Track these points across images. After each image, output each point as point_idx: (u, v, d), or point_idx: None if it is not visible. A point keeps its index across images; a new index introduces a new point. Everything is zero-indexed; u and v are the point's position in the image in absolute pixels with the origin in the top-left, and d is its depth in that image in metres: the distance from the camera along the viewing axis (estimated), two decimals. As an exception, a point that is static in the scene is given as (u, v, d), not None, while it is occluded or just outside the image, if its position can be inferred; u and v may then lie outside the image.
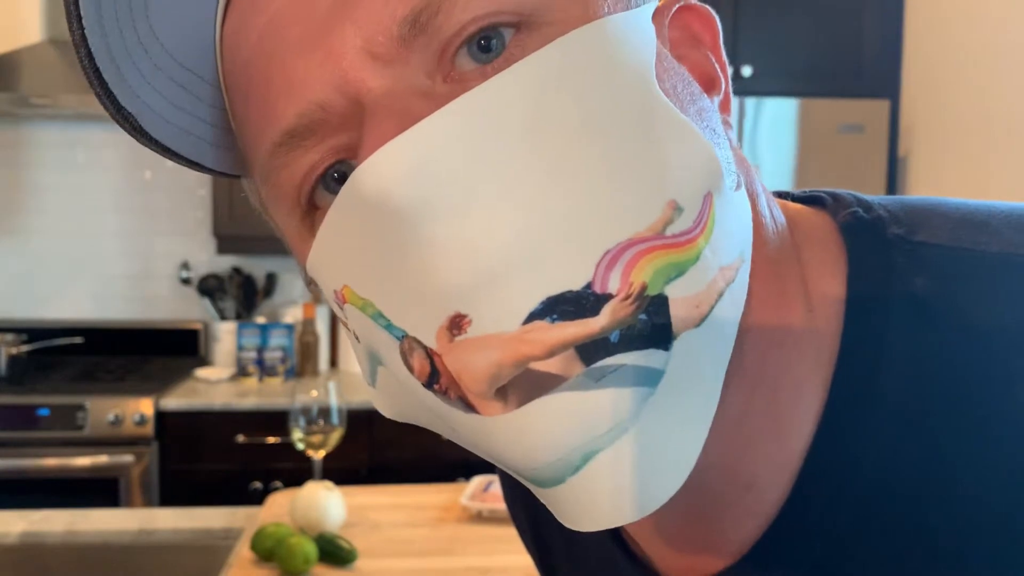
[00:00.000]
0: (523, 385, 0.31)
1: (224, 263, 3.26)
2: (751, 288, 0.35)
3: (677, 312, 0.31)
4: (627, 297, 0.31)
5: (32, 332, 3.06)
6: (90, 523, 1.61)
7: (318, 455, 1.59)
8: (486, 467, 1.97)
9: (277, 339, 2.99)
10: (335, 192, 0.34)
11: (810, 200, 0.43)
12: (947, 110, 2.51)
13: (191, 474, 2.69)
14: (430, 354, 0.32)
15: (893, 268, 0.38)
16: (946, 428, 0.35)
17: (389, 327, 0.33)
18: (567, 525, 0.34)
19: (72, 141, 3.23)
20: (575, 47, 0.32)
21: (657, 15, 0.37)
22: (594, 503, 0.32)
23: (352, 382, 2.97)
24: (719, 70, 0.39)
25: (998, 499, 0.35)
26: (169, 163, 2.88)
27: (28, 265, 3.25)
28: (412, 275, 0.31)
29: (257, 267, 3.28)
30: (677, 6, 0.39)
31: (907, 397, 0.36)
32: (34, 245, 3.25)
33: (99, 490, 2.60)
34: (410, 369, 0.33)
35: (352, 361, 3.14)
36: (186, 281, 3.20)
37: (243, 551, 1.39)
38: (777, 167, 2.68)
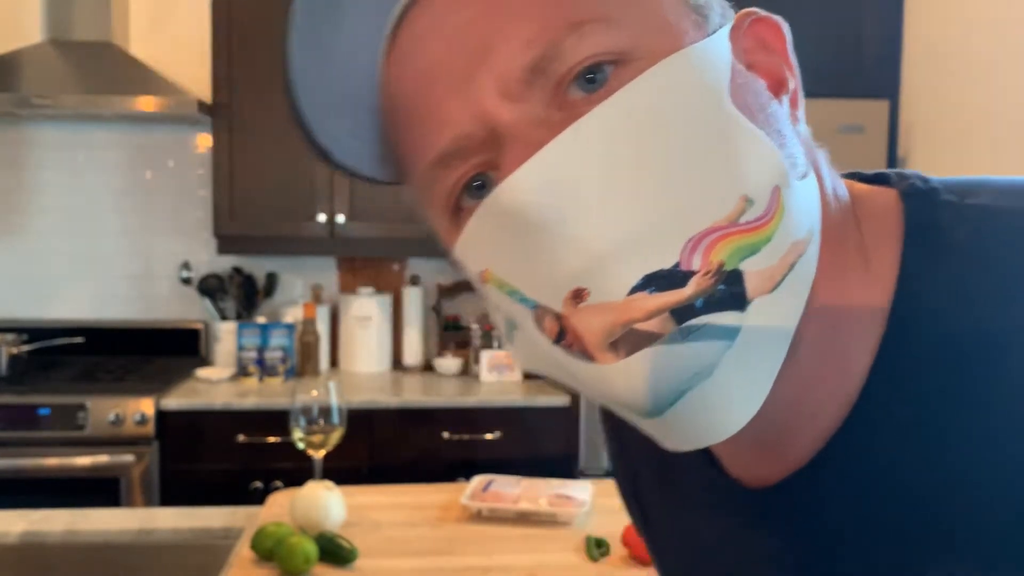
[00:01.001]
0: (630, 340, 0.41)
1: (224, 263, 3.26)
2: (818, 256, 0.44)
3: (751, 283, 0.41)
4: (707, 272, 0.40)
5: (33, 332, 3.06)
6: (90, 523, 1.62)
7: (318, 455, 1.59)
8: (486, 467, 1.97)
9: (277, 339, 2.99)
10: (475, 197, 0.45)
11: (878, 178, 0.52)
12: (947, 110, 2.50)
13: (192, 474, 2.69)
14: (559, 317, 0.42)
15: (942, 226, 0.46)
16: (977, 373, 0.43)
17: (523, 300, 0.43)
18: (666, 447, 0.45)
19: (73, 141, 3.23)
20: (661, 76, 0.42)
21: (733, 30, 0.46)
22: (685, 430, 0.43)
23: (352, 381, 2.97)
24: (788, 72, 0.48)
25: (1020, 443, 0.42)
26: (170, 163, 2.86)
27: (29, 265, 3.25)
28: (543, 261, 0.41)
29: (257, 267, 3.28)
30: (750, 20, 0.47)
31: (947, 347, 0.44)
32: (35, 245, 3.25)
33: (100, 490, 2.60)
34: (542, 330, 0.43)
35: (352, 361, 3.14)
36: (187, 281, 3.21)
37: (243, 551, 1.39)
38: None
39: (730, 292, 0.40)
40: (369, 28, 0.46)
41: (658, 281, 0.40)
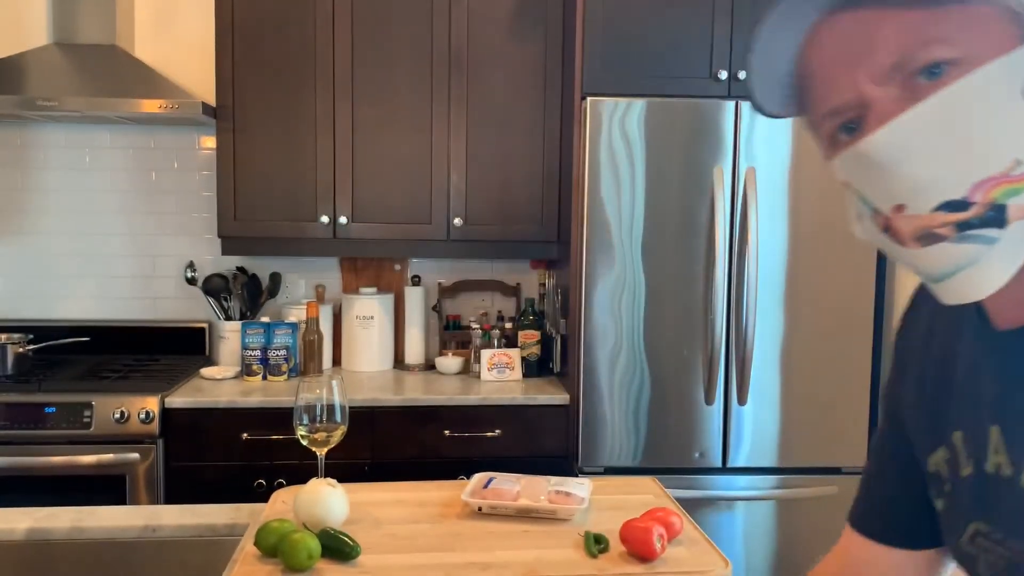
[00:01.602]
0: (928, 238, 0.69)
1: (229, 263, 3.29)
2: None
3: (1012, 212, 0.66)
4: (983, 204, 0.66)
5: (39, 331, 3.09)
6: (96, 520, 1.63)
7: (321, 452, 1.61)
8: (486, 464, 1.99)
9: (281, 338, 3.02)
10: (846, 134, 0.73)
11: None
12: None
13: (196, 471, 2.72)
14: (887, 218, 0.71)
15: None
16: None
17: (867, 204, 0.72)
18: (944, 301, 0.72)
19: (78, 143, 3.26)
20: (977, 77, 0.66)
21: None
22: (955, 291, 0.71)
23: (355, 380, 3.00)
24: None
25: None
26: (175, 165, 2.89)
27: (35, 265, 3.28)
28: (882, 185, 0.70)
29: (261, 267, 3.31)
30: None
31: None
32: (41, 245, 3.28)
33: (105, 487, 2.62)
34: (875, 223, 0.72)
35: (354, 360, 3.16)
36: (191, 281, 3.23)
37: (247, 547, 1.41)
38: (773, 168, 2.70)
39: (996, 217, 0.67)
40: (792, 31, 0.76)
41: (951, 206, 0.67)
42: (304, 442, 1.60)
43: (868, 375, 2.78)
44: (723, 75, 2.71)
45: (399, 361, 3.31)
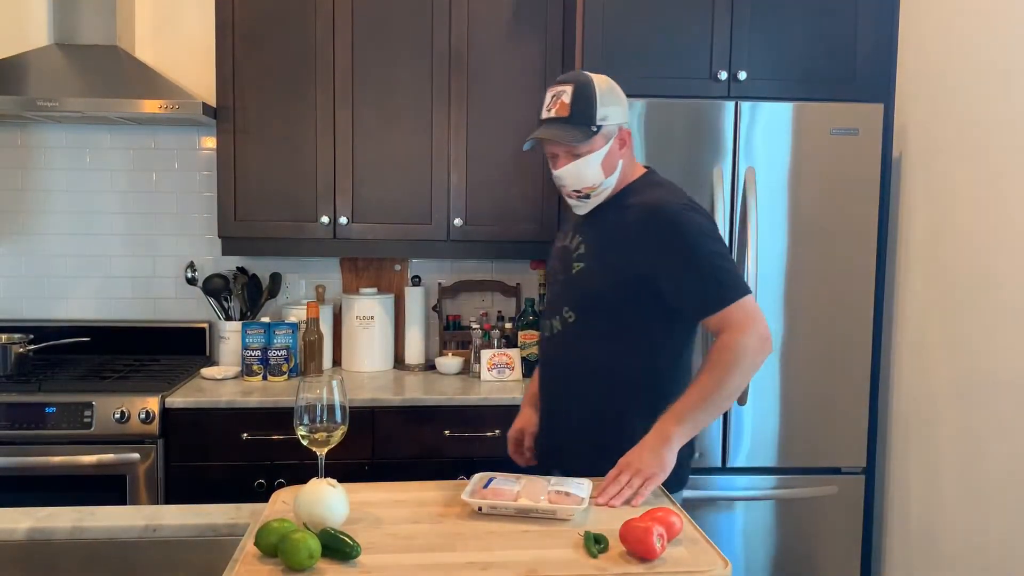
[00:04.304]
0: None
1: (229, 263, 3.29)
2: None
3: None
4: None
5: (40, 331, 3.09)
6: (96, 520, 1.64)
7: (322, 452, 1.61)
8: (486, 464, 1.98)
9: (281, 338, 3.02)
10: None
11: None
12: (940, 113, 2.52)
13: (197, 471, 2.72)
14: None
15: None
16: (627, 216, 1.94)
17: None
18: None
19: (79, 143, 3.26)
20: (591, 158, 1.90)
21: (618, 136, 1.92)
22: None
23: (355, 380, 3.00)
24: (624, 143, 1.94)
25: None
26: (176, 165, 2.91)
27: (36, 266, 3.28)
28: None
29: (262, 268, 3.31)
30: (619, 130, 1.93)
31: (617, 199, 1.98)
32: (42, 246, 3.28)
33: (106, 487, 2.63)
34: None
35: (355, 360, 3.17)
36: (192, 281, 3.24)
37: (248, 547, 1.41)
38: (772, 168, 2.70)
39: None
40: None
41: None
42: (304, 442, 1.60)
43: (868, 375, 2.79)
44: (723, 75, 2.72)
45: (399, 361, 3.32)
